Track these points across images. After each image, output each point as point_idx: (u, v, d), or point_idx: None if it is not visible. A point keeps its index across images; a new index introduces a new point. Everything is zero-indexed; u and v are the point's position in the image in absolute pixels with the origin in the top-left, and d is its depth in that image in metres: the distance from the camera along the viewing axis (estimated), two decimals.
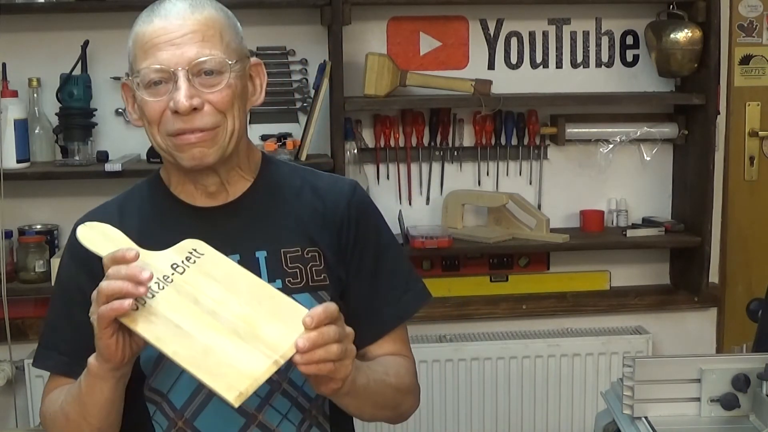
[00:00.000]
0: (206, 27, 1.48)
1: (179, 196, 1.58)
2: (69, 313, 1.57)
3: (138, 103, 1.51)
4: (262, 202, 1.58)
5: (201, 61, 1.45)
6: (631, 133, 3.13)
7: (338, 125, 2.91)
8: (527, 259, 3.24)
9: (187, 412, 1.50)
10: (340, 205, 1.60)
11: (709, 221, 3.08)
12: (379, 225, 1.66)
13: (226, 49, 1.48)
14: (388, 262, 1.64)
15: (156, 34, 1.47)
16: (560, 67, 3.16)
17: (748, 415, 1.85)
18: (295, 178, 1.64)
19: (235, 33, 1.53)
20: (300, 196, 1.60)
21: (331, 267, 1.57)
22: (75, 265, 1.58)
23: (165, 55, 1.45)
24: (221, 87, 1.47)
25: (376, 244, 1.63)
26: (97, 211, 1.65)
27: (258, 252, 1.55)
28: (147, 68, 1.46)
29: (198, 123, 1.46)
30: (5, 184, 2.80)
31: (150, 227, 1.56)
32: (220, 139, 1.49)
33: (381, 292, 1.62)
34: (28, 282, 2.90)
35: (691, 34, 3.00)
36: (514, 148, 3.16)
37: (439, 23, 3.10)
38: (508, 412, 3.16)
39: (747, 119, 3.26)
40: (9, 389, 2.98)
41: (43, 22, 2.93)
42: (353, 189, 1.64)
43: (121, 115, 3.01)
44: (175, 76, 1.45)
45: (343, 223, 1.59)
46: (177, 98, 1.44)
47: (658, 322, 3.29)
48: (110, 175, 2.82)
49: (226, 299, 1.33)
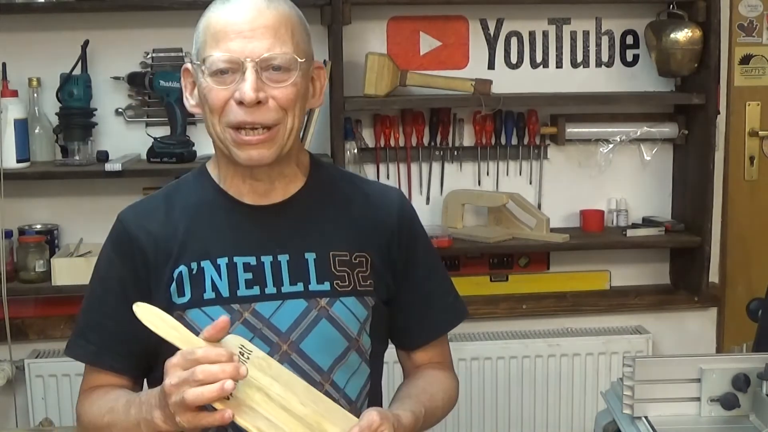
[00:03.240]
0: (279, 23, 1.48)
1: (228, 191, 1.58)
2: (104, 304, 1.58)
3: (200, 89, 1.51)
4: (313, 203, 1.59)
5: (271, 56, 1.47)
6: (631, 133, 3.13)
7: (338, 125, 2.91)
8: (527, 258, 3.24)
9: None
10: (391, 214, 1.64)
11: (709, 221, 3.08)
12: (424, 234, 1.71)
13: (296, 47, 1.49)
14: (438, 271, 1.71)
15: (229, 24, 1.47)
16: (560, 66, 3.16)
17: (748, 415, 1.84)
18: (345, 182, 1.66)
19: (305, 33, 1.54)
20: (351, 201, 1.63)
21: (378, 273, 1.60)
22: (117, 257, 1.58)
23: (235, 46, 1.46)
24: (287, 84, 1.48)
25: (425, 253, 1.68)
26: (144, 203, 1.65)
27: (307, 253, 1.56)
28: (216, 56, 1.46)
29: (260, 117, 1.47)
30: (5, 184, 2.80)
31: (197, 224, 1.56)
32: (280, 138, 1.50)
33: (433, 298, 1.68)
34: (28, 282, 2.90)
35: (691, 33, 3.00)
36: (514, 148, 3.16)
37: (439, 23, 3.10)
38: (508, 412, 3.16)
39: (747, 119, 3.26)
40: (9, 389, 2.98)
41: (43, 22, 2.93)
42: (402, 199, 1.69)
43: (121, 114, 3.01)
44: (243, 67, 1.45)
45: (393, 232, 1.62)
46: (243, 89, 1.45)
47: (658, 322, 3.29)
48: (110, 175, 2.82)
49: (288, 397, 1.37)
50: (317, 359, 1.53)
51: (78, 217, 3.05)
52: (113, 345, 1.54)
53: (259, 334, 1.51)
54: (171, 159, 2.89)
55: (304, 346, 1.53)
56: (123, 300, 1.51)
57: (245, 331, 1.50)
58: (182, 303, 1.53)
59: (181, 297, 1.53)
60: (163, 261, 1.54)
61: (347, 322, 1.56)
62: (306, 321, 1.54)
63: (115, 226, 1.61)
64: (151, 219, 1.58)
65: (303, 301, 1.54)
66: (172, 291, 1.53)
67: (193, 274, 1.53)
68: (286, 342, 1.52)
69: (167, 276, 1.54)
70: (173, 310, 1.50)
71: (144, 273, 1.54)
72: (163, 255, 1.55)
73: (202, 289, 1.53)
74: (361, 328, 1.58)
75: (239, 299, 1.53)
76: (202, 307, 1.52)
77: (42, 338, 3.06)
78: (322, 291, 1.55)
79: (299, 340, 1.53)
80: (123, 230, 1.59)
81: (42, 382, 2.97)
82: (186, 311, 1.52)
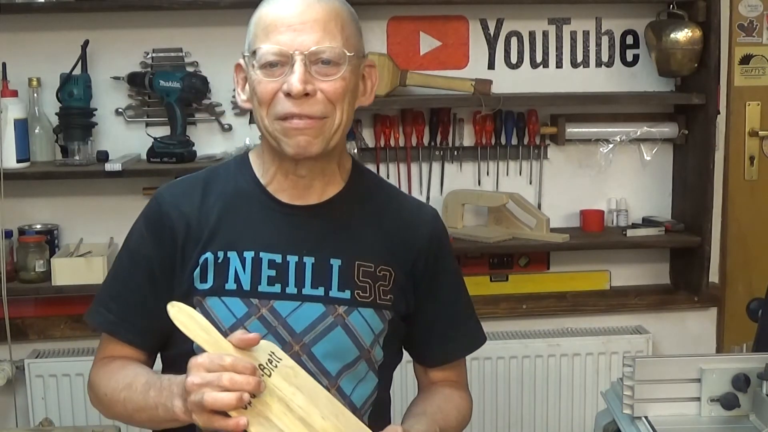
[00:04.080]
0: (329, 18, 1.50)
1: (267, 186, 1.59)
2: (129, 277, 1.59)
3: (250, 83, 1.53)
4: (347, 210, 1.60)
5: (320, 49, 1.48)
6: (631, 133, 3.13)
7: None
8: (527, 258, 3.24)
9: None
10: (422, 233, 1.64)
11: (709, 221, 3.08)
12: (452, 255, 1.71)
13: (346, 42, 1.50)
14: (462, 294, 1.72)
15: (278, 18, 1.49)
16: (560, 66, 3.16)
17: (748, 414, 1.85)
18: (381, 192, 1.67)
19: (356, 29, 1.55)
20: (384, 212, 1.63)
21: (399, 289, 1.60)
22: (149, 234, 1.59)
23: (284, 39, 1.47)
24: (336, 78, 1.49)
25: (454, 275, 1.70)
26: (182, 183, 1.66)
27: (333, 259, 1.57)
28: (265, 49, 1.48)
29: (308, 109, 1.48)
30: (5, 184, 2.80)
31: (231, 212, 1.57)
32: (327, 130, 1.51)
33: (456, 321, 1.69)
34: (28, 282, 2.90)
35: (691, 33, 3.00)
36: (514, 148, 3.16)
37: (439, 23, 3.10)
38: (508, 411, 3.16)
39: (747, 119, 3.26)
40: (9, 389, 2.98)
41: (43, 22, 2.93)
42: (436, 219, 1.69)
43: (121, 114, 3.01)
44: (291, 59, 1.47)
45: (421, 252, 1.63)
46: (291, 81, 1.46)
47: (658, 322, 3.29)
48: (110, 175, 2.82)
49: (309, 409, 1.37)
50: (326, 364, 1.54)
51: (78, 217, 3.05)
52: (132, 318, 1.56)
53: (273, 331, 1.52)
54: (171, 159, 2.89)
55: (315, 349, 1.54)
56: (148, 277, 1.55)
57: (260, 327, 1.52)
58: (203, 289, 1.54)
59: (203, 283, 1.55)
60: (192, 244, 1.56)
61: (362, 333, 1.57)
62: (321, 326, 1.55)
63: (151, 203, 1.62)
64: (187, 201, 1.59)
65: (321, 305, 1.55)
66: (195, 276, 1.55)
67: (218, 262, 1.55)
68: (299, 343, 1.53)
69: (193, 260, 1.56)
70: (193, 294, 1.53)
71: (172, 253, 1.56)
72: (193, 238, 1.56)
73: (224, 278, 1.54)
74: (375, 340, 1.59)
75: (259, 294, 1.54)
76: (222, 297, 1.54)
77: (42, 338, 3.06)
78: (341, 299, 1.56)
79: (311, 344, 1.54)
80: (158, 208, 1.60)
81: (42, 382, 2.97)
82: (206, 298, 1.54)
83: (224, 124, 3.04)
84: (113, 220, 3.03)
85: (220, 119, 3.04)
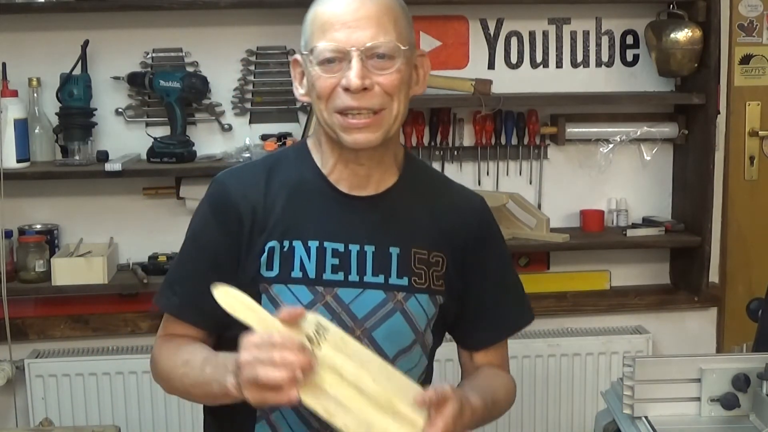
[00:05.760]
0: (382, 13, 1.55)
1: (328, 176, 1.64)
2: (194, 262, 1.64)
3: (309, 78, 1.58)
4: (403, 200, 1.66)
5: (375, 44, 1.53)
6: (631, 133, 3.13)
7: None
8: (527, 258, 3.23)
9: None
10: (472, 219, 1.70)
11: (709, 221, 3.07)
12: (503, 241, 1.77)
13: (399, 35, 1.56)
14: (512, 276, 1.78)
15: (334, 15, 1.54)
16: (560, 66, 3.16)
17: (748, 414, 1.85)
18: (431, 179, 1.74)
19: (407, 22, 1.60)
20: (437, 201, 1.69)
21: (450, 274, 1.66)
22: (215, 219, 1.63)
23: (341, 36, 1.53)
24: (392, 71, 1.54)
25: (501, 258, 1.75)
26: (245, 170, 1.70)
27: (392, 248, 1.63)
28: (322, 46, 1.53)
29: (366, 102, 1.54)
30: (5, 184, 2.80)
31: (294, 203, 1.62)
32: (386, 122, 1.57)
33: (505, 302, 1.74)
34: (28, 282, 2.90)
35: (691, 33, 3.00)
36: (514, 148, 3.16)
37: (439, 23, 3.10)
38: (508, 411, 3.14)
39: (747, 119, 3.26)
40: (9, 389, 2.98)
41: (43, 22, 2.93)
42: (483, 205, 1.74)
43: (121, 114, 3.01)
44: (348, 55, 1.52)
45: (470, 237, 1.68)
46: (350, 77, 1.51)
47: (658, 322, 3.29)
48: (110, 175, 2.82)
49: (361, 375, 1.40)
50: (385, 347, 1.60)
51: (78, 217, 3.05)
52: (196, 301, 1.59)
53: (337, 317, 1.58)
54: (171, 159, 2.89)
55: (375, 334, 1.60)
56: (212, 262, 1.60)
57: (325, 312, 1.57)
58: (270, 277, 1.59)
59: (269, 271, 1.59)
60: (258, 232, 1.60)
61: (418, 318, 1.64)
62: (382, 311, 1.61)
63: (216, 189, 1.65)
64: (253, 188, 1.63)
65: (382, 292, 1.61)
66: (261, 262, 1.60)
67: (284, 251, 1.60)
68: (361, 328, 1.59)
69: (259, 247, 1.60)
70: (260, 281, 1.58)
71: (237, 240, 1.60)
72: (260, 226, 1.60)
73: (290, 267, 1.59)
74: (428, 324, 1.66)
75: (324, 282, 1.59)
76: (288, 285, 1.59)
77: (42, 338, 3.06)
78: (400, 285, 1.62)
79: (372, 329, 1.60)
80: (224, 193, 1.63)
81: (42, 382, 2.97)
82: (272, 285, 1.59)
83: (224, 124, 3.04)
84: (113, 220, 3.03)
85: (220, 119, 3.04)
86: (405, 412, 1.40)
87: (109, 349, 3.06)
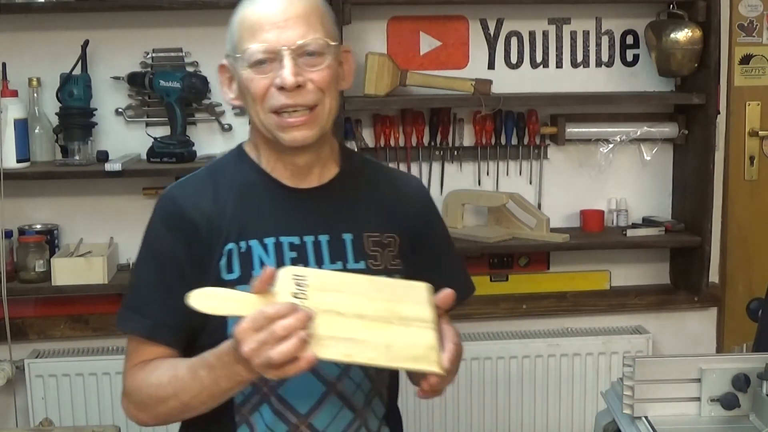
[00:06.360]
0: (309, 12, 1.58)
1: (271, 174, 1.67)
2: (160, 279, 1.62)
3: (240, 81, 1.60)
4: (347, 188, 1.70)
5: (306, 42, 1.56)
6: (631, 133, 3.13)
7: (338, 125, 2.90)
8: (527, 258, 3.24)
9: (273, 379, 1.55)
10: (414, 199, 1.77)
11: (709, 221, 3.07)
12: (440, 217, 1.86)
13: (327, 33, 1.59)
14: (452, 248, 1.85)
15: (263, 17, 1.57)
16: (560, 66, 3.16)
17: (748, 414, 1.84)
18: (371, 169, 1.79)
19: (332, 19, 1.65)
20: (378, 187, 1.74)
21: (404, 252, 1.71)
22: (170, 234, 1.63)
23: (271, 36, 1.56)
24: (323, 67, 1.58)
25: (442, 232, 1.82)
26: (190, 181, 1.70)
27: (345, 234, 1.66)
28: (254, 48, 1.56)
29: (301, 99, 1.57)
30: (5, 184, 2.80)
31: (244, 203, 1.64)
32: (320, 118, 1.60)
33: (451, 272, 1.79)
34: (28, 282, 2.90)
35: (691, 33, 3.00)
36: (514, 148, 3.16)
37: (439, 23, 3.10)
38: (508, 412, 3.16)
39: (747, 119, 3.26)
40: (9, 389, 2.98)
41: (43, 22, 2.93)
42: (422, 185, 1.85)
43: (121, 114, 3.01)
44: (280, 55, 1.55)
45: (415, 216, 1.74)
46: (283, 75, 1.55)
47: (658, 322, 3.29)
48: (110, 175, 2.82)
49: (356, 301, 1.42)
50: None
51: (78, 217, 3.05)
52: (170, 320, 1.59)
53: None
54: (171, 159, 2.89)
55: None
56: (179, 276, 1.59)
57: None
58: (232, 279, 1.60)
59: (230, 273, 1.61)
60: (215, 238, 1.62)
61: None
62: None
63: (165, 204, 1.66)
64: (201, 197, 1.64)
65: None
66: (222, 266, 1.61)
67: (242, 252, 1.61)
68: None
69: (218, 253, 1.61)
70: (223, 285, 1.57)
71: (197, 248, 1.61)
72: (215, 232, 1.62)
73: (250, 266, 1.61)
74: None
75: None
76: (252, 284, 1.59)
77: (42, 338, 3.06)
78: (358, 269, 1.64)
79: None
80: (175, 207, 1.64)
81: (42, 382, 2.97)
82: (235, 287, 1.57)
83: (224, 124, 3.04)
84: (113, 220, 3.03)
85: (220, 119, 3.04)
86: (411, 314, 1.42)
87: (109, 349, 3.06)
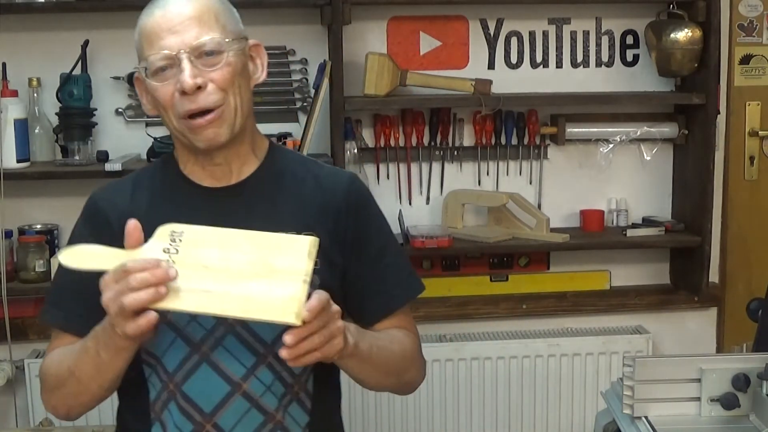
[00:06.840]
0: (202, 12, 1.59)
1: (189, 176, 1.69)
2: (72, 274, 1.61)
3: (150, 91, 1.62)
4: (265, 186, 1.68)
5: (201, 43, 1.57)
6: (631, 133, 3.13)
7: (338, 125, 2.91)
8: (527, 258, 3.24)
9: (177, 376, 1.59)
10: (338, 194, 1.70)
11: (709, 221, 3.08)
12: (379, 214, 1.78)
13: (223, 30, 1.59)
14: (392, 248, 1.77)
15: (158, 24, 1.59)
16: (560, 66, 3.16)
17: (748, 414, 1.84)
18: (300, 166, 1.74)
19: (231, 15, 1.64)
20: (303, 183, 1.71)
21: (325, 252, 1.64)
22: (87, 230, 1.67)
23: (167, 42, 1.57)
24: (221, 65, 1.58)
25: (378, 232, 1.75)
26: (113, 183, 1.76)
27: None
28: (153, 56, 1.58)
29: (203, 102, 1.57)
30: (5, 184, 2.80)
31: (158, 203, 1.67)
32: (228, 117, 1.60)
33: (389, 273, 1.73)
34: (28, 282, 2.90)
35: (691, 33, 3.00)
36: (514, 148, 3.16)
37: (439, 23, 3.10)
38: (508, 411, 3.16)
39: (747, 119, 3.26)
40: (9, 389, 2.98)
41: (43, 22, 2.93)
42: (351, 180, 1.75)
43: (121, 114, 3.01)
44: (178, 60, 1.56)
45: (340, 212, 1.69)
46: (182, 79, 1.56)
47: (658, 322, 3.29)
48: (110, 175, 2.81)
49: (229, 255, 1.43)
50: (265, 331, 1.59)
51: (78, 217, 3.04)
52: (81, 311, 1.61)
53: None
54: None
55: None
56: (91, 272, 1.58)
57: None
58: None
59: None
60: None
61: None
62: None
63: (87, 203, 1.72)
64: (119, 196, 1.70)
65: None
66: None
67: None
68: None
69: None
70: None
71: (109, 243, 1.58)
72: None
73: None
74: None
75: None
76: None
77: (42, 338, 3.05)
78: None
79: None
80: (93, 205, 1.70)
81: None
82: None
83: None
84: None
85: None
86: (284, 266, 1.40)
87: None
